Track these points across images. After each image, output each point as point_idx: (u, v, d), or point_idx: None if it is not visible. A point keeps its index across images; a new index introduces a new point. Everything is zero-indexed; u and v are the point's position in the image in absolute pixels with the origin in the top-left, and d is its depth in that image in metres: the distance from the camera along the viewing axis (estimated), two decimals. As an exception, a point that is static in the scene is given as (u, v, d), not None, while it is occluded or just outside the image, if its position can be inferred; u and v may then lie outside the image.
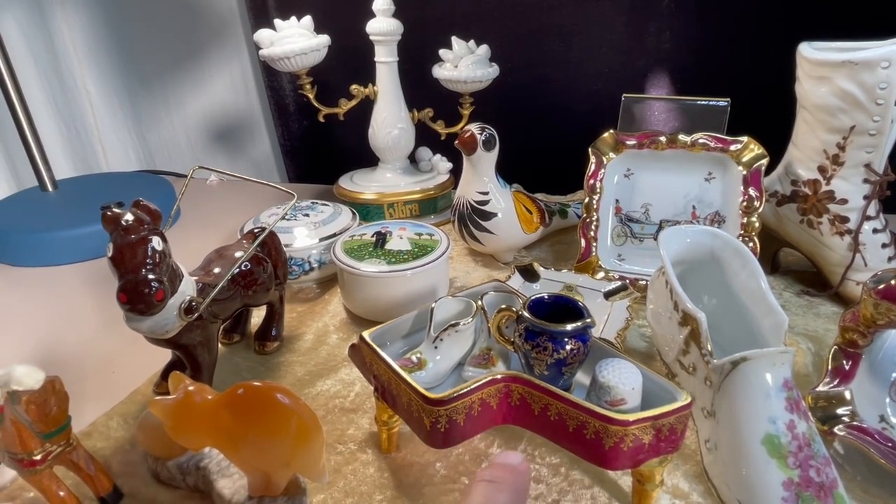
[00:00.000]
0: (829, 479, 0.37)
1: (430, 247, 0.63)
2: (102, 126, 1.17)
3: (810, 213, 0.63)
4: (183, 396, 0.38)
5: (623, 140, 0.66)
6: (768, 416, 0.38)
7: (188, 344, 0.48)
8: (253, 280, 0.53)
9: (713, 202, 0.65)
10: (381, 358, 0.41)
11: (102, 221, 0.41)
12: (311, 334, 0.62)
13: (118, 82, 1.15)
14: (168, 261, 0.43)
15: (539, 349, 0.39)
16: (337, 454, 0.46)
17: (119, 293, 0.41)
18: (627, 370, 0.37)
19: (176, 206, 0.53)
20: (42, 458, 0.38)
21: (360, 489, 0.43)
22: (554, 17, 0.89)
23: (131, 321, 0.44)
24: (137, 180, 1.00)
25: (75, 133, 1.15)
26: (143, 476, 0.45)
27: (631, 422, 0.34)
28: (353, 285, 0.62)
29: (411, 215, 0.85)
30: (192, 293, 0.46)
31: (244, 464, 0.39)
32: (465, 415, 0.37)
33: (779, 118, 0.64)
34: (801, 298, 0.65)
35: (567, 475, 0.43)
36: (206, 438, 0.39)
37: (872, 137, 0.57)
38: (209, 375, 0.50)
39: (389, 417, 0.45)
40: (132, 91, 1.16)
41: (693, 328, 0.44)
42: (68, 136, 1.14)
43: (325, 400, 0.52)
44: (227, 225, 0.83)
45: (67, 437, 0.39)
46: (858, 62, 0.54)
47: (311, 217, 0.71)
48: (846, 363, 0.46)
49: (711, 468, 0.42)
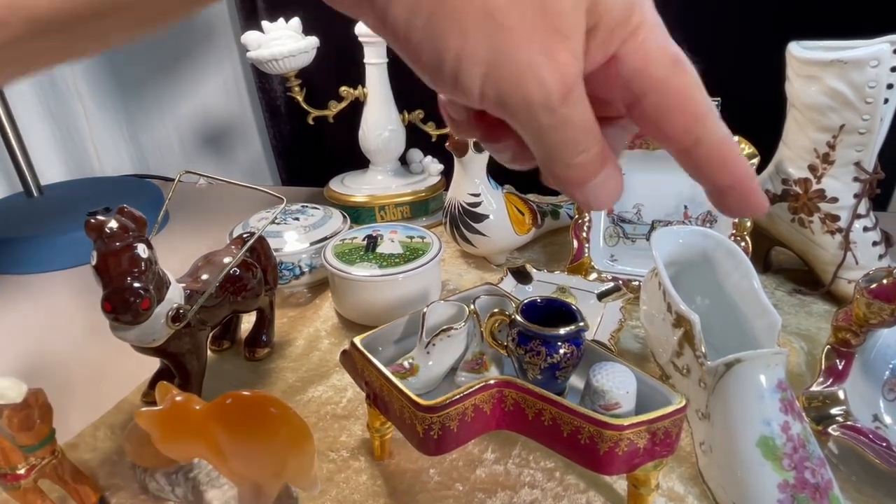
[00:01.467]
0: (824, 481, 0.37)
1: (422, 250, 0.62)
2: (95, 128, 1.16)
3: (801, 211, 0.63)
4: (170, 407, 0.37)
5: (614, 140, 0.66)
6: (763, 418, 0.38)
7: (176, 352, 0.47)
8: (242, 286, 0.52)
9: (705, 202, 0.64)
10: (373, 364, 0.40)
11: (86, 229, 0.40)
12: (303, 340, 0.61)
13: (110, 84, 1.14)
14: (154, 268, 0.42)
15: (532, 353, 0.39)
16: (329, 462, 0.45)
17: (104, 302, 0.40)
18: (621, 374, 0.37)
19: (163, 211, 0.52)
20: (26, 472, 0.37)
21: (353, 497, 0.42)
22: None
23: (117, 330, 0.43)
24: (124, 185, 0.99)
25: (68, 135, 1.14)
26: (131, 488, 0.44)
27: (625, 426, 0.34)
28: (344, 290, 0.61)
29: (402, 218, 0.84)
30: (180, 300, 0.45)
31: (234, 474, 0.38)
32: (459, 421, 0.37)
33: (769, 117, 0.64)
34: (793, 297, 0.65)
35: (562, 480, 0.43)
36: (195, 449, 0.38)
37: (862, 136, 0.57)
38: (198, 383, 0.50)
39: (382, 424, 0.44)
40: (124, 93, 1.15)
41: (687, 330, 0.44)
42: (61, 139, 1.13)
43: (316, 406, 0.51)
44: (215, 230, 0.82)
45: (52, 450, 0.38)
46: (848, 61, 0.54)
47: (301, 221, 0.70)
48: (839, 363, 0.46)
49: (706, 471, 0.41)
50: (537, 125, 0.19)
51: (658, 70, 0.19)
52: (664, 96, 0.19)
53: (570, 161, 0.19)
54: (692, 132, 0.20)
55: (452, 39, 0.17)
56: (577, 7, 0.17)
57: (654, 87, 0.19)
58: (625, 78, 0.19)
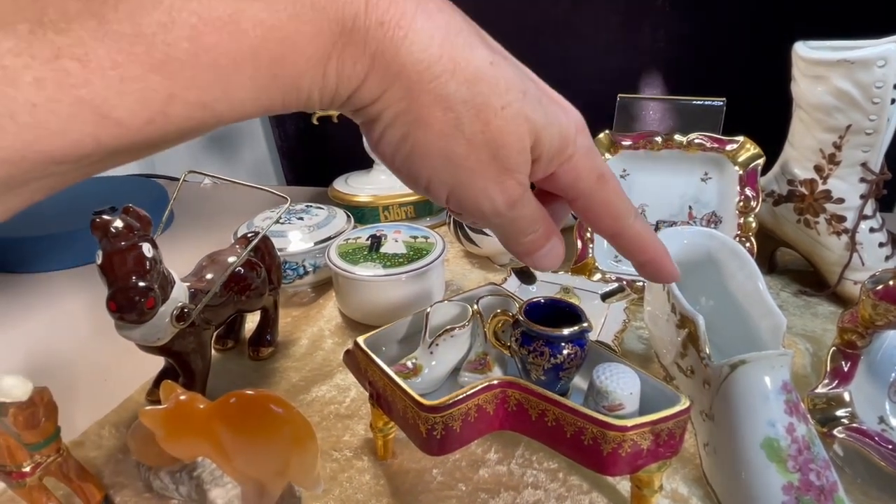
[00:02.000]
0: (829, 483, 0.36)
1: (426, 250, 0.62)
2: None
3: (807, 212, 0.63)
4: (174, 406, 0.37)
5: (619, 140, 0.65)
6: (767, 420, 0.37)
7: (181, 351, 0.47)
8: (246, 285, 0.52)
9: (709, 202, 0.64)
10: (376, 364, 0.40)
11: (91, 228, 0.40)
12: (306, 339, 0.61)
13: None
14: (159, 267, 0.42)
15: (536, 354, 0.39)
16: (332, 461, 0.45)
17: (109, 301, 0.40)
18: (625, 375, 0.37)
19: (168, 210, 0.52)
20: (31, 470, 0.37)
21: (356, 497, 0.42)
22: (549, 16, 0.89)
23: (122, 329, 0.43)
24: (129, 185, 0.99)
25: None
26: (135, 486, 0.44)
27: (629, 427, 0.34)
28: (348, 289, 0.62)
29: (406, 218, 0.84)
30: (185, 300, 0.45)
31: (237, 473, 0.38)
32: (462, 421, 0.37)
33: (775, 118, 0.64)
34: (798, 298, 0.64)
35: (565, 480, 0.43)
36: (199, 448, 0.38)
37: (869, 136, 0.56)
38: (202, 382, 0.50)
39: (385, 424, 0.44)
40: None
41: (691, 331, 0.43)
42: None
43: (320, 406, 0.51)
44: (220, 229, 0.82)
45: (57, 448, 0.39)
46: (854, 61, 0.53)
47: (305, 220, 0.70)
48: (845, 364, 0.45)
49: (710, 472, 0.41)
50: (491, 223, 0.26)
51: (585, 184, 0.25)
52: (590, 202, 0.26)
53: (520, 241, 0.26)
54: (613, 227, 0.27)
55: (424, 171, 0.23)
56: (523, 152, 0.23)
57: (582, 195, 0.26)
58: (561, 188, 0.26)
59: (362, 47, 0.19)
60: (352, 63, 0.20)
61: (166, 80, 0.16)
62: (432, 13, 0.20)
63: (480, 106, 0.21)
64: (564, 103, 0.25)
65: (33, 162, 0.15)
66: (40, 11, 0.14)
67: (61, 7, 0.15)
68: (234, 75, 0.18)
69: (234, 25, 0.17)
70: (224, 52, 0.17)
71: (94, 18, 0.15)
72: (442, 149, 0.22)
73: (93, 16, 0.15)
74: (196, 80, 0.17)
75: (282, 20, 0.18)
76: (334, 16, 0.18)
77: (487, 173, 0.23)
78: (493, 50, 0.22)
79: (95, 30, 0.15)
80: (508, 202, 0.24)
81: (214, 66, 0.17)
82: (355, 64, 0.20)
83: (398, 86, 0.21)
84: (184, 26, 0.16)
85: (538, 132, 0.23)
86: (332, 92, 0.20)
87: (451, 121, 0.21)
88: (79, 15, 0.15)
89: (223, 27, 0.17)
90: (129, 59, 0.15)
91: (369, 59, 0.20)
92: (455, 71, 0.21)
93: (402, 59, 0.20)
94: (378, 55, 0.20)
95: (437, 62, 0.20)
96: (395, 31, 0.20)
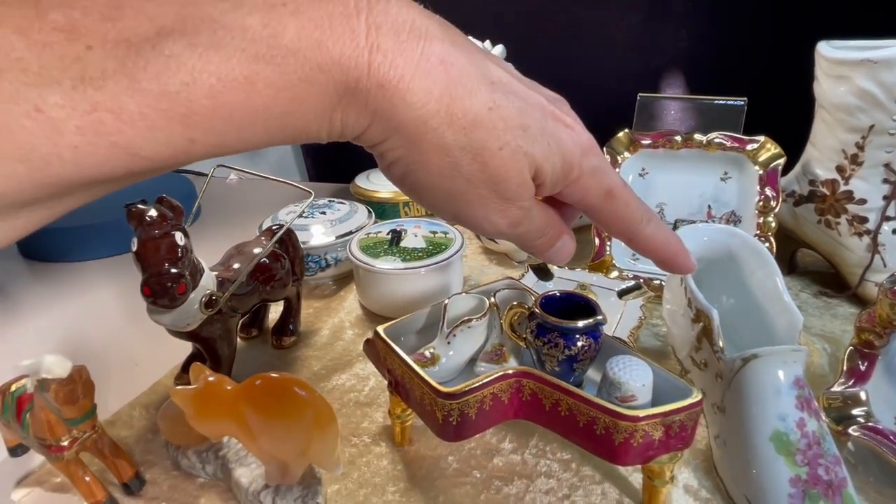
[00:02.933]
0: (838, 478, 0.37)
1: (445, 245, 0.63)
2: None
3: (828, 213, 0.62)
4: (203, 386, 0.39)
5: (638, 139, 0.66)
6: (778, 413, 0.38)
7: (208, 337, 0.49)
8: (271, 276, 0.54)
9: (729, 202, 0.64)
10: (396, 352, 0.41)
11: (127, 217, 0.42)
12: (327, 330, 0.63)
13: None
14: (190, 256, 0.44)
15: (550, 345, 0.40)
16: (351, 446, 0.47)
17: (143, 286, 0.42)
18: (638, 367, 0.37)
19: (197, 203, 0.54)
20: (69, 444, 0.39)
21: (374, 480, 0.44)
22: (570, 16, 0.90)
23: (154, 314, 0.45)
24: (158, 179, 1.02)
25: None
26: (164, 464, 0.46)
27: (640, 418, 0.34)
28: (368, 282, 0.63)
29: (426, 213, 0.85)
30: (213, 288, 0.47)
31: (262, 453, 0.40)
32: (477, 409, 0.38)
33: (796, 117, 0.63)
34: (818, 299, 0.64)
35: (578, 471, 0.44)
36: (226, 427, 0.40)
37: (892, 137, 0.56)
38: (228, 368, 0.52)
39: (403, 411, 0.45)
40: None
41: (705, 324, 0.44)
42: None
43: (340, 394, 0.53)
44: (246, 222, 0.84)
45: (93, 425, 0.41)
46: (878, 61, 0.53)
47: (327, 215, 0.72)
48: (862, 364, 0.45)
49: (720, 464, 0.42)
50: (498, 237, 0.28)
51: (593, 200, 0.27)
52: (599, 214, 0.28)
53: (532, 243, 0.28)
54: (626, 234, 0.28)
55: (426, 202, 0.26)
56: (523, 184, 0.25)
57: (590, 209, 0.28)
58: (570, 202, 0.27)
59: (364, 105, 0.21)
60: (355, 116, 0.22)
61: (188, 130, 0.19)
62: (431, 70, 0.22)
63: (478, 150, 0.23)
64: (574, 124, 0.26)
65: (78, 185, 0.19)
66: (82, 70, 0.17)
67: (100, 66, 0.17)
68: (248, 126, 0.20)
69: (250, 86, 0.19)
70: (239, 108, 0.19)
71: (127, 77, 0.17)
72: (441, 186, 0.24)
73: (125, 75, 0.17)
74: (214, 129, 0.19)
75: (292, 81, 0.20)
76: (339, 78, 0.20)
77: (489, 204, 0.25)
78: (495, 88, 0.23)
79: (127, 87, 0.17)
80: (511, 224, 0.26)
81: (230, 119, 0.19)
82: (358, 117, 0.22)
83: (398, 136, 0.23)
84: (203, 86, 0.18)
85: (538, 164, 0.24)
86: (338, 134, 0.23)
87: (448, 164, 0.23)
88: (114, 73, 0.17)
89: (239, 87, 0.19)
90: (155, 112, 0.18)
91: (370, 114, 0.22)
92: (452, 122, 0.22)
93: (400, 116, 0.22)
94: (378, 112, 0.22)
95: (434, 116, 0.22)
96: (393, 92, 0.21)
